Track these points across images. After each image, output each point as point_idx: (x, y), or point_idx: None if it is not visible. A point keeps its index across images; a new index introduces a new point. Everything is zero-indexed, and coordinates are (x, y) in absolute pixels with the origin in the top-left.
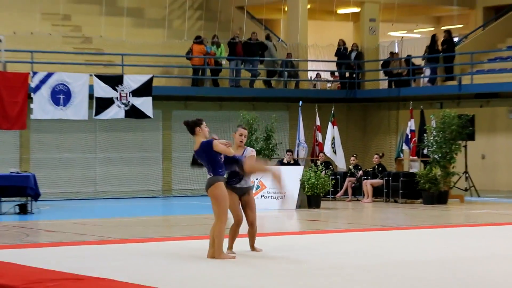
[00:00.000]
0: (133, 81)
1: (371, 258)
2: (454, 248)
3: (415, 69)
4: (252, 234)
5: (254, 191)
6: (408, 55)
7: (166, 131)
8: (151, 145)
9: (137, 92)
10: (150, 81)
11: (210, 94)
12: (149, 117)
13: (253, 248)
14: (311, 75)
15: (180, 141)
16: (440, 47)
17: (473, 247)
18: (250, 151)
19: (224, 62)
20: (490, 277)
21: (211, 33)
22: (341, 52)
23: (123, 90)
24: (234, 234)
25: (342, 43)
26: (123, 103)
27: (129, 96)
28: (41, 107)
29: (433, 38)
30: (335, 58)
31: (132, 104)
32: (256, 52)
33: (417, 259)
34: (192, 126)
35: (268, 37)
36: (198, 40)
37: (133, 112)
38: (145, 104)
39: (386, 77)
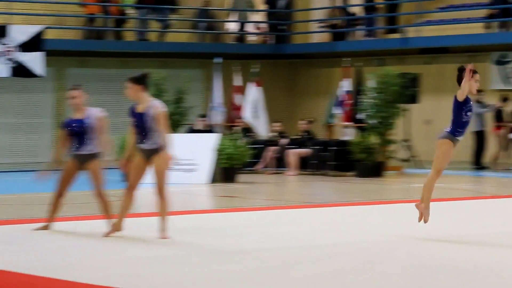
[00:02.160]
0: (20, 32)
1: (292, 240)
2: (389, 228)
3: (352, 20)
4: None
5: None
6: (344, 4)
7: (59, 93)
8: (41, 109)
9: (25, 46)
10: (40, 33)
11: (112, 49)
12: (39, 75)
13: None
14: (232, 27)
15: None
16: None
17: (409, 227)
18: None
19: (129, 10)
20: (424, 262)
21: None
22: (270, 0)
23: (8, 44)
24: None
25: None
26: (8, 59)
27: (16, 50)
28: None
29: None
30: (263, 7)
31: (19, 60)
32: (168, 1)
33: (345, 241)
34: None
35: None
36: None
37: (21, 70)
38: (34, 60)
39: (320, 29)
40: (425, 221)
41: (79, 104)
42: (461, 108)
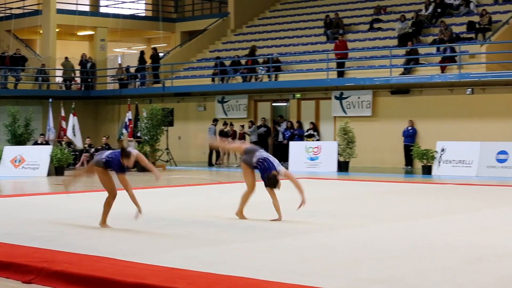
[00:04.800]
0: None
1: (91, 212)
2: (156, 202)
3: (132, 75)
4: None
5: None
6: (127, 65)
7: None
8: None
9: None
10: None
11: None
12: None
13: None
14: (59, 79)
15: None
16: (149, 60)
17: (171, 202)
18: None
19: None
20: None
21: None
22: (82, 62)
23: None
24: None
25: (84, 56)
26: None
27: None
28: None
29: (142, 53)
30: (78, 67)
31: None
32: (19, 63)
33: (127, 212)
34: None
35: None
36: None
37: None
38: None
39: (112, 81)
40: None
41: None
42: None
